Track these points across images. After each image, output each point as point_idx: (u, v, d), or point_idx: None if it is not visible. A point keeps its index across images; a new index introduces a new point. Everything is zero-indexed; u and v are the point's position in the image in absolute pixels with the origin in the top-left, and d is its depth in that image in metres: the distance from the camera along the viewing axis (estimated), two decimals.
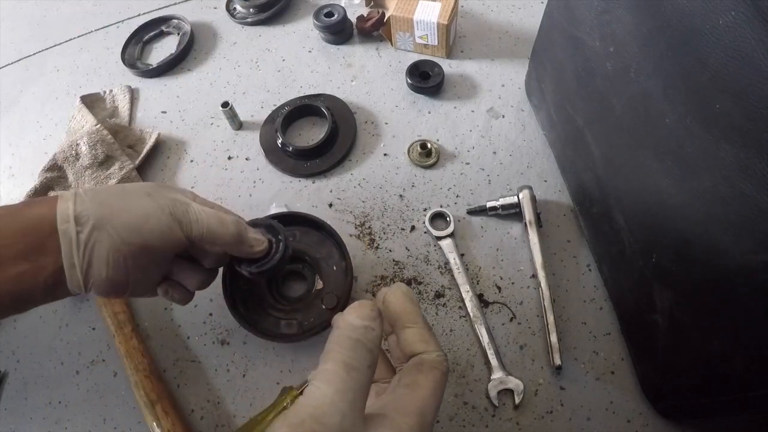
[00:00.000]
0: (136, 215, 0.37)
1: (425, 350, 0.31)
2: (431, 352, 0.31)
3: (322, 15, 0.75)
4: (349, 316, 0.29)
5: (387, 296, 0.33)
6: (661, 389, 0.45)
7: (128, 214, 0.37)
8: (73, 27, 0.87)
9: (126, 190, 0.39)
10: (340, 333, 0.28)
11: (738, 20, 0.29)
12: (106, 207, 0.37)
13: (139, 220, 0.37)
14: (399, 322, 0.32)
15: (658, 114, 0.38)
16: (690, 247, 0.37)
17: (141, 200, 0.38)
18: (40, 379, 0.54)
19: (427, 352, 0.31)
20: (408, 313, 0.32)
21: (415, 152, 0.64)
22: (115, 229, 0.36)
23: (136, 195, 0.39)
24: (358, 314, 0.28)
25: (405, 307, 0.32)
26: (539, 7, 0.76)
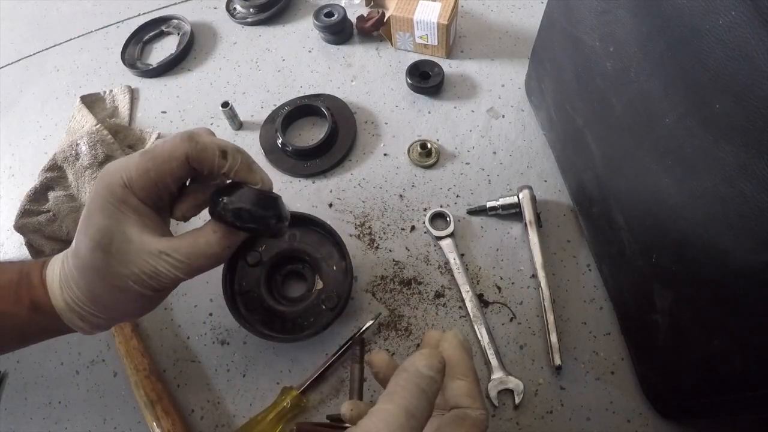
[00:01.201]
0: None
1: (470, 406, 0.31)
2: (476, 410, 0.31)
3: (322, 15, 0.75)
4: (419, 362, 0.28)
5: (443, 343, 0.33)
6: (661, 389, 0.45)
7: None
8: (73, 27, 0.87)
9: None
10: (408, 378, 0.27)
11: (738, 20, 0.29)
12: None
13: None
14: (450, 371, 0.31)
15: (658, 114, 0.38)
16: (690, 247, 0.37)
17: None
18: (40, 379, 0.54)
19: (471, 408, 0.31)
20: (461, 364, 0.32)
21: (415, 152, 0.64)
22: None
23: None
24: (427, 363, 0.28)
25: (459, 358, 0.32)
26: (539, 7, 0.76)
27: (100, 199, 0.34)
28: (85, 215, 0.35)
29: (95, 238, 0.34)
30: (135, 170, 0.34)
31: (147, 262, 0.35)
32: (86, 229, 0.34)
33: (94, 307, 0.36)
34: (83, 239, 0.34)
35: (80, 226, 0.35)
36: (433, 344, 0.33)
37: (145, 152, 0.35)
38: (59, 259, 0.37)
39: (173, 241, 0.36)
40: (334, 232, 0.53)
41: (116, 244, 0.34)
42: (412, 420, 0.26)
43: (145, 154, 0.35)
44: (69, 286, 0.35)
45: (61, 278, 0.36)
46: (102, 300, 0.36)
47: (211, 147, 0.36)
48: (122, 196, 0.35)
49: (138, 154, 0.35)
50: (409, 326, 0.53)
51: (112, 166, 0.35)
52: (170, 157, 0.35)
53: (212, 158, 0.36)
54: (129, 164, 0.35)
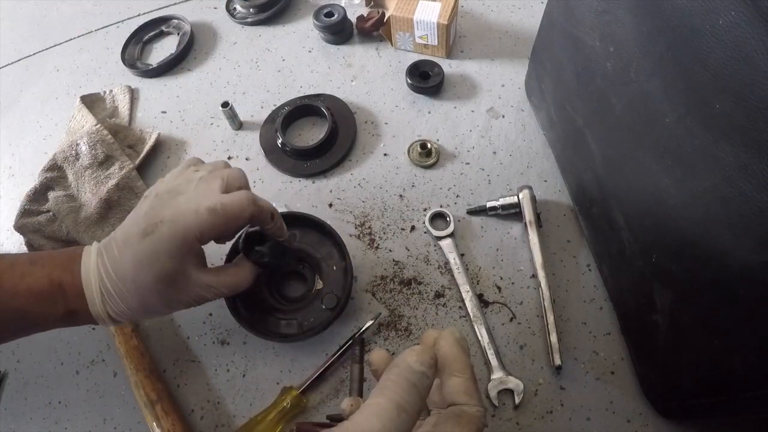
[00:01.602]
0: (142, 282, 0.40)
1: (467, 402, 0.31)
2: (472, 406, 0.31)
3: (322, 15, 0.75)
4: (410, 358, 0.29)
5: (440, 341, 0.33)
6: (661, 389, 0.45)
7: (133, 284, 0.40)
8: (73, 27, 0.87)
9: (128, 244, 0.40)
10: (399, 373, 0.28)
11: (738, 20, 0.29)
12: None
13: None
14: (447, 368, 0.32)
15: (658, 114, 0.38)
16: (690, 247, 0.37)
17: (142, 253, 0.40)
18: (40, 379, 0.54)
19: (468, 405, 0.31)
20: (458, 361, 0.32)
21: (415, 152, 0.64)
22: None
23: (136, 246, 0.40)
24: (418, 359, 0.29)
25: (455, 355, 0.32)
26: (539, 7, 0.76)
27: (172, 247, 0.39)
28: (150, 253, 0.39)
29: (160, 276, 0.39)
30: (208, 227, 0.40)
31: (198, 293, 0.42)
32: (151, 266, 0.39)
33: (135, 316, 0.42)
34: (147, 273, 0.39)
35: (141, 257, 0.39)
36: (430, 342, 0.34)
37: (215, 211, 0.40)
38: (94, 273, 0.40)
39: (219, 276, 0.43)
40: (334, 232, 0.53)
41: (178, 280, 0.41)
42: (403, 414, 0.26)
43: (217, 214, 0.40)
44: (114, 301, 0.40)
45: (103, 294, 0.40)
46: (147, 313, 0.42)
47: (266, 210, 0.43)
48: (191, 246, 0.40)
49: (207, 211, 0.40)
50: (409, 326, 0.53)
51: (186, 220, 0.39)
52: (239, 217, 0.41)
53: (267, 219, 0.44)
54: (202, 222, 0.39)
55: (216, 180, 0.42)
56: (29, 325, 0.41)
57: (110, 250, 0.40)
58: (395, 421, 0.26)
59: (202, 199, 0.40)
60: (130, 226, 0.41)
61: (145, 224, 0.40)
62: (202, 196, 0.40)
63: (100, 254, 0.40)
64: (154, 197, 0.41)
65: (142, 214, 0.40)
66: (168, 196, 0.41)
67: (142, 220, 0.40)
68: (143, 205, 0.42)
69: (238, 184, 0.43)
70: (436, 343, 0.33)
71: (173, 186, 0.42)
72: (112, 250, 0.40)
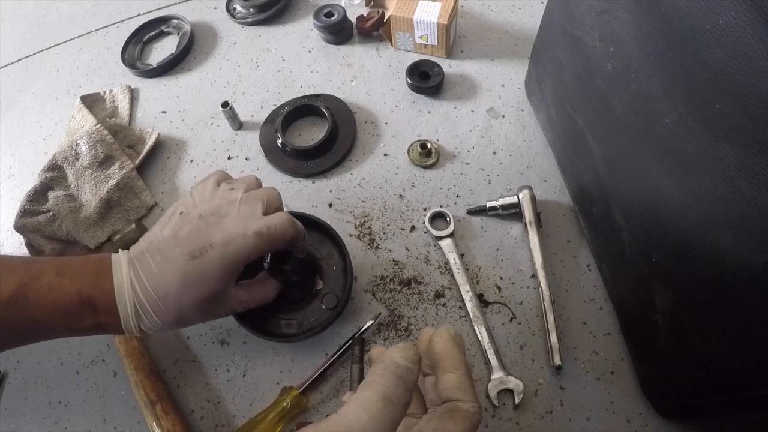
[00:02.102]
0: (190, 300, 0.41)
1: (461, 398, 0.31)
2: (467, 402, 0.31)
3: (322, 15, 0.75)
4: (395, 354, 0.30)
5: (434, 337, 0.34)
6: (661, 389, 0.45)
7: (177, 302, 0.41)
8: (73, 27, 0.87)
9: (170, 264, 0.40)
10: (384, 367, 0.29)
11: (738, 20, 0.29)
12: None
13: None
14: (441, 365, 0.32)
15: (658, 114, 0.38)
16: (690, 247, 0.37)
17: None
18: (40, 379, 0.54)
19: (462, 401, 0.31)
20: (452, 358, 0.32)
21: (415, 152, 0.64)
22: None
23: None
24: (403, 354, 0.30)
25: (450, 352, 0.33)
26: (539, 7, 0.76)
27: (222, 271, 0.41)
28: (199, 274, 0.40)
29: (205, 297, 0.41)
30: (255, 251, 0.41)
31: (232, 307, 0.45)
32: (199, 287, 0.40)
33: (166, 329, 0.42)
34: (193, 294, 0.40)
35: (188, 278, 0.40)
36: (426, 339, 0.34)
37: (262, 235, 0.41)
38: (128, 288, 0.40)
39: (250, 292, 0.46)
40: (334, 232, 0.53)
41: (219, 298, 0.42)
42: (390, 405, 0.27)
43: (263, 237, 0.41)
44: (149, 316, 0.40)
45: (138, 309, 0.40)
46: (179, 326, 0.43)
47: (302, 231, 0.45)
48: (238, 269, 0.42)
49: (255, 235, 0.41)
50: (409, 326, 0.53)
51: (236, 244, 0.41)
52: (282, 240, 0.42)
53: (301, 239, 0.45)
54: (250, 246, 0.41)
55: (257, 202, 0.43)
56: (50, 335, 0.41)
57: (146, 265, 0.40)
58: (382, 411, 0.26)
59: (248, 222, 0.41)
60: (170, 244, 0.40)
61: (191, 246, 0.40)
62: (247, 220, 0.41)
63: (132, 266, 0.40)
64: (198, 219, 0.41)
65: (186, 235, 0.41)
66: (213, 219, 0.41)
67: (186, 242, 0.40)
68: (184, 225, 0.41)
69: (277, 204, 0.45)
70: (431, 340, 0.33)
71: (215, 207, 0.42)
72: (149, 265, 0.40)
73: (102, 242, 0.61)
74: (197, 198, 0.44)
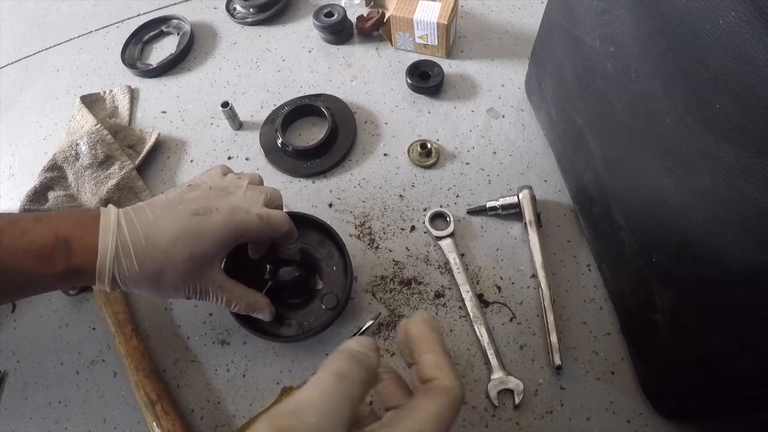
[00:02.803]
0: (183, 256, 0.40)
1: (438, 376, 0.30)
2: (443, 379, 0.30)
3: (322, 15, 0.75)
4: (350, 343, 0.30)
5: (408, 324, 0.33)
6: (661, 389, 0.45)
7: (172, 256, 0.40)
8: (73, 27, 0.87)
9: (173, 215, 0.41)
10: (339, 351, 0.29)
11: (738, 20, 0.29)
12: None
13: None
14: (417, 348, 0.32)
15: (658, 114, 0.38)
16: (690, 247, 0.37)
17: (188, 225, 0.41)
18: (40, 379, 0.54)
19: (439, 379, 0.30)
20: (426, 339, 0.32)
21: (415, 152, 0.64)
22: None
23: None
24: (358, 342, 0.30)
25: (424, 334, 0.32)
26: (539, 7, 0.76)
27: (220, 234, 0.41)
28: (198, 229, 0.40)
29: (195, 255, 0.41)
30: (254, 230, 0.43)
31: (208, 288, 0.43)
32: (192, 242, 0.40)
33: (140, 285, 0.41)
34: (185, 247, 0.40)
35: (186, 230, 0.40)
36: (403, 331, 0.33)
37: (263, 218, 0.43)
38: (113, 228, 0.39)
39: (233, 286, 0.45)
40: (334, 232, 0.53)
41: (204, 267, 0.42)
42: (343, 381, 0.26)
43: (263, 221, 0.43)
44: (129, 261, 0.39)
45: (119, 251, 0.39)
46: (152, 286, 0.41)
47: (295, 231, 0.48)
48: (234, 240, 0.43)
49: (257, 216, 0.43)
50: None
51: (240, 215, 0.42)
52: (279, 230, 0.45)
53: (293, 238, 0.48)
54: (251, 223, 0.43)
55: (262, 193, 0.46)
56: (24, 286, 0.39)
57: (143, 213, 0.41)
58: (334, 387, 0.26)
59: (251, 204, 0.44)
60: (175, 203, 0.42)
61: (196, 206, 0.41)
62: (251, 202, 0.44)
63: (126, 214, 0.41)
64: (208, 189, 0.44)
65: (193, 198, 0.42)
66: (222, 192, 0.44)
67: (191, 203, 0.42)
68: (191, 192, 0.43)
69: (277, 202, 0.47)
70: (405, 330, 0.33)
71: (224, 185, 0.45)
72: (146, 214, 0.41)
73: None
74: (206, 178, 0.46)
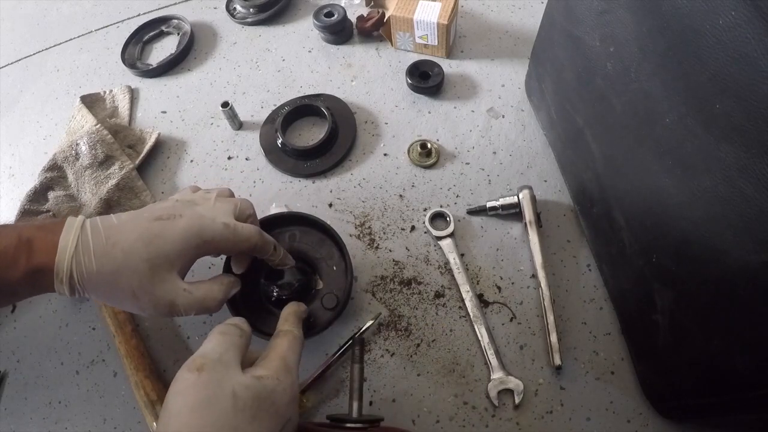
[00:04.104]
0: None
1: (283, 327, 0.42)
2: (285, 326, 0.42)
3: (322, 15, 0.75)
4: (228, 320, 0.40)
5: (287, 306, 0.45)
6: (661, 389, 0.45)
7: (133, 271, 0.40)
8: (73, 27, 0.87)
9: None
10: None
11: (738, 20, 0.29)
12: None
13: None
14: (281, 317, 0.44)
15: (658, 114, 0.38)
16: (690, 247, 0.37)
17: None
18: (40, 379, 0.54)
19: (283, 328, 0.42)
20: (286, 310, 0.44)
21: (415, 152, 0.64)
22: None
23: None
24: (231, 319, 0.40)
25: (287, 311, 0.44)
26: (539, 7, 0.76)
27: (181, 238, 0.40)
28: (158, 232, 0.40)
29: (154, 256, 0.39)
30: (218, 238, 0.42)
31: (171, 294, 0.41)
32: (152, 243, 0.39)
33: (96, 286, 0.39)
34: (145, 248, 0.39)
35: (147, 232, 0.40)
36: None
37: (228, 227, 0.43)
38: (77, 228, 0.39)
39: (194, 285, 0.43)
40: (334, 232, 0.53)
41: (163, 271, 0.40)
42: (226, 336, 0.37)
43: (229, 230, 0.43)
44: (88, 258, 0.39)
45: (79, 249, 0.39)
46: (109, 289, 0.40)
47: (270, 242, 0.46)
48: (196, 246, 0.41)
49: (223, 225, 0.42)
50: (409, 326, 0.53)
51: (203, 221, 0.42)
52: (246, 241, 0.44)
53: (269, 250, 0.46)
54: (216, 230, 0.42)
55: (231, 204, 0.45)
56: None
57: (107, 219, 0.41)
58: (220, 340, 0.37)
59: (218, 214, 0.43)
60: (140, 211, 0.42)
61: (160, 212, 0.41)
62: (218, 212, 0.43)
63: (92, 220, 0.41)
64: (174, 201, 0.44)
65: (159, 207, 0.42)
66: (188, 203, 0.43)
67: (157, 210, 0.42)
68: (158, 204, 0.44)
69: (249, 212, 0.47)
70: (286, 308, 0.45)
71: (191, 198, 0.45)
72: (110, 219, 0.41)
73: None
74: (175, 195, 0.47)
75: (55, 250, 0.38)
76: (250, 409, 0.33)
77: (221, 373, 0.34)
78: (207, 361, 0.34)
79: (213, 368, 0.34)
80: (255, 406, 0.34)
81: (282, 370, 0.37)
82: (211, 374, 0.34)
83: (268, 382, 0.35)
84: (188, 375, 0.34)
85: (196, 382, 0.33)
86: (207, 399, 0.33)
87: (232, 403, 0.33)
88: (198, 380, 0.33)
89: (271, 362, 0.38)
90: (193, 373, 0.34)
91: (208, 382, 0.33)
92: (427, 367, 0.51)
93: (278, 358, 0.38)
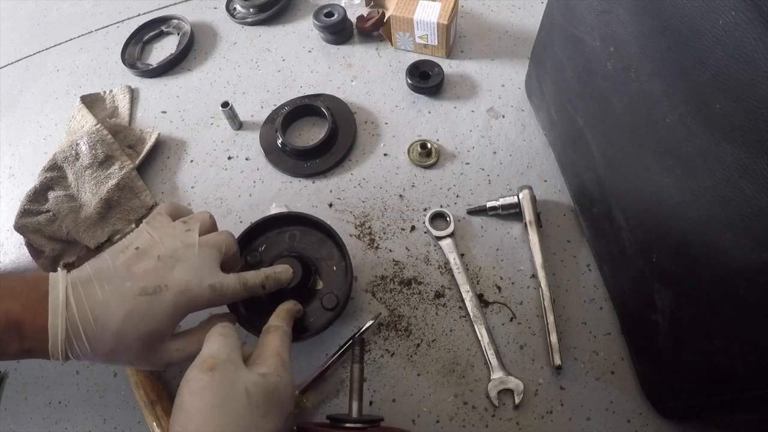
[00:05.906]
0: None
1: (273, 323, 0.43)
2: (275, 322, 0.43)
3: (322, 15, 0.75)
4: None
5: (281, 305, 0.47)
6: (661, 389, 0.45)
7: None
8: (73, 27, 0.87)
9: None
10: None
11: (738, 20, 0.29)
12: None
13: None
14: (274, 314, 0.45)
15: (658, 114, 0.38)
16: (690, 247, 0.37)
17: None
18: (40, 379, 0.54)
19: (273, 323, 0.43)
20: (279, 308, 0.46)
21: (415, 152, 0.64)
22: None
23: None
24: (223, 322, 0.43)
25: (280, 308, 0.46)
26: (539, 7, 0.76)
27: (170, 314, 0.41)
28: (146, 312, 0.40)
29: (146, 335, 0.40)
30: (205, 302, 0.42)
31: (165, 358, 0.42)
32: (142, 324, 0.39)
33: (94, 361, 0.41)
34: (135, 330, 0.39)
35: (134, 313, 0.39)
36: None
37: (215, 289, 0.42)
38: (62, 309, 0.38)
39: (186, 340, 0.43)
40: (334, 232, 0.53)
41: (156, 341, 0.41)
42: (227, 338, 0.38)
43: (216, 292, 0.42)
44: (81, 343, 0.39)
45: (70, 334, 0.38)
46: (108, 361, 0.41)
47: (257, 286, 0.45)
48: (185, 315, 0.42)
49: (210, 288, 0.42)
50: (409, 326, 0.53)
51: (191, 293, 0.41)
52: (232, 298, 0.44)
53: (258, 293, 0.46)
54: (203, 296, 0.42)
55: (215, 251, 0.44)
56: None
57: (92, 291, 0.39)
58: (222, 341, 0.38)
59: (204, 272, 0.42)
60: (123, 277, 0.40)
61: (144, 283, 0.40)
62: (204, 269, 0.42)
63: (75, 290, 0.39)
64: (156, 259, 0.41)
65: (141, 272, 0.40)
66: (171, 262, 0.41)
67: (141, 278, 0.40)
68: (140, 260, 0.41)
69: (233, 252, 0.46)
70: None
71: (173, 250, 0.42)
72: (95, 291, 0.39)
73: (102, 242, 0.61)
74: (155, 235, 0.43)
75: (46, 335, 0.38)
76: (262, 405, 0.35)
77: (232, 372, 0.36)
78: (218, 362, 0.36)
79: (225, 368, 0.35)
80: (266, 402, 0.35)
81: (280, 366, 0.39)
82: (224, 374, 0.35)
83: (273, 378, 0.37)
84: (202, 375, 0.35)
85: (211, 382, 0.34)
86: (224, 398, 0.34)
87: (246, 401, 0.34)
88: (212, 380, 0.34)
89: (270, 360, 0.39)
90: (207, 373, 0.35)
91: (222, 382, 0.34)
92: (427, 367, 0.51)
93: (274, 355, 0.40)
